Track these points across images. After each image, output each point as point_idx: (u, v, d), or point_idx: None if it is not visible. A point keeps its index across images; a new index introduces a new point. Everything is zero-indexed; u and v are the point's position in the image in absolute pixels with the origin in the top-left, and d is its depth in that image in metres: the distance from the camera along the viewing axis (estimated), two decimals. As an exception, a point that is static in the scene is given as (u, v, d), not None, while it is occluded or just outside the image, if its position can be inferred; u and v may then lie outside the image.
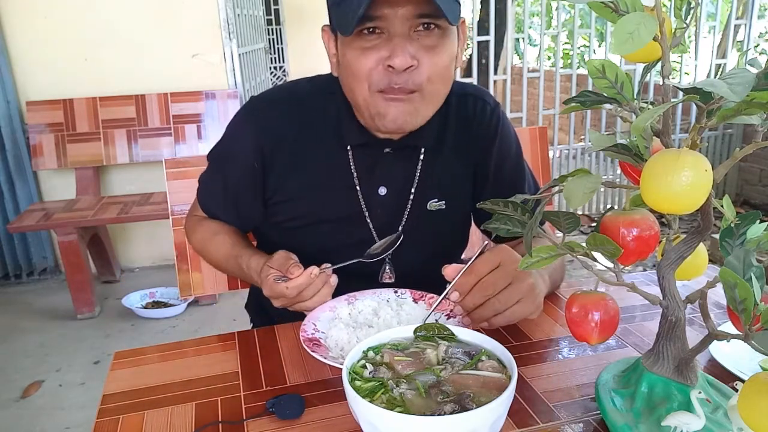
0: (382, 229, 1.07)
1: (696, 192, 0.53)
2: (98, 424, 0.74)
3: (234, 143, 1.09)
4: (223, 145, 1.12)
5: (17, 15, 3.01)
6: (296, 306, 0.91)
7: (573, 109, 0.64)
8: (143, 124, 3.15)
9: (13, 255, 3.25)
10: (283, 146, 1.04)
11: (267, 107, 1.06)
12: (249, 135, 1.05)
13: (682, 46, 0.58)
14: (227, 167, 1.10)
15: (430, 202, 1.07)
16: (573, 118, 4.09)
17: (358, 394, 0.60)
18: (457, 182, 1.09)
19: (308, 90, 1.07)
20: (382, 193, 1.06)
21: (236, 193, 1.10)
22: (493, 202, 0.71)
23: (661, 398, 0.67)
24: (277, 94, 1.09)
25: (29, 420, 2.13)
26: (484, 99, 1.10)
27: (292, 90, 1.09)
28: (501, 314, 0.84)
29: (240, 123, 1.09)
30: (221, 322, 2.79)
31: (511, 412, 0.68)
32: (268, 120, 1.05)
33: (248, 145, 1.05)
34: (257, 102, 1.08)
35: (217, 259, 1.12)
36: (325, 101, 1.04)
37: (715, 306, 1.00)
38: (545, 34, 3.78)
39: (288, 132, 1.04)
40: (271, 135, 1.04)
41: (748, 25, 3.94)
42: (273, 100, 1.08)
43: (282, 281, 0.88)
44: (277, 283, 0.88)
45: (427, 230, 1.09)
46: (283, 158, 1.04)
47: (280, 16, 6.83)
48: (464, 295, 0.84)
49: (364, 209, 1.06)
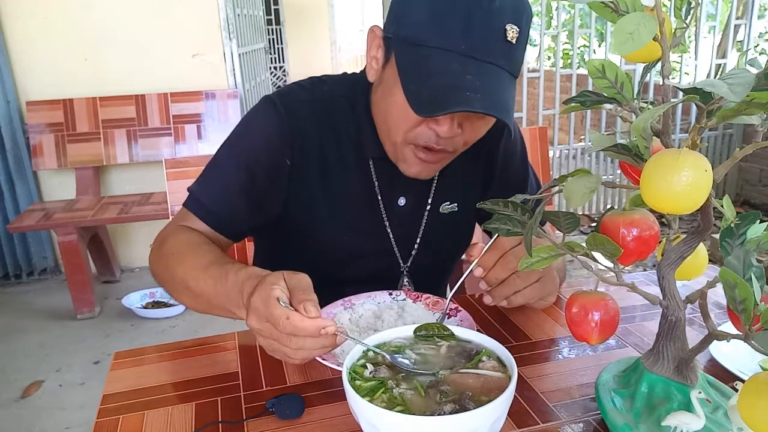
0: (399, 239, 1.07)
1: (696, 192, 0.53)
2: (98, 424, 0.74)
3: (261, 137, 0.99)
4: (245, 139, 1.01)
5: (17, 15, 3.01)
6: (275, 347, 0.72)
7: (573, 109, 0.64)
8: (143, 124, 3.15)
9: (13, 255, 3.25)
10: (310, 148, 0.99)
11: (293, 106, 0.99)
12: (279, 130, 0.98)
13: (682, 46, 0.58)
14: (254, 161, 0.98)
15: (443, 206, 1.08)
16: (573, 118, 4.09)
17: (358, 394, 0.60)
18: (468, 184, 1.09)
19: (332, 93, 1.02)
20: (401, 203, 1.05)
21: (263, 189, 0.99)
22: (493, 202, 0.71)
23: (661, 398, 0.67)
24: (300, 93, 1.02)
25: (29, 420, 2.13)
26: None
27: (315, 90, 1.02)
28: (520, 292, 0.88)
29: (266, 118, 0.99)
30: (221, 322, 2.76)
31: (511, 412, 0.68)
32: (297, 119, 0.98)
33: (279, 139, 0.98)
34: (282, 99, 1.00)
35: (193, 266, 0.88)
36: (348, 107, 1.00)
37: (715, 306, 0.99)
38: (545, 34, 3.78)
39: (314, 134, 0.99)
40: (300, 134, 0.98)
41: (748, 25, 3.94)
42: (300, 99, 1.00)
43: (286, 307, 0.70)
44: (278, 304, 0.69)
45: (440, 233, 1.09)
46: (309, 161, 1.00)
47: (280, 16, 6.84)
48: (488, 270, 0.87)
49: (385, 219, 1.05)
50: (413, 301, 0.98)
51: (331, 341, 0.71)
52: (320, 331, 0.69)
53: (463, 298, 1.04)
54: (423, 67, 0.83)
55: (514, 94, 0.87)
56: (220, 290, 0.82)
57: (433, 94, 0.81)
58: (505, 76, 0.84)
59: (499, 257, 0.87)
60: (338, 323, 0.91)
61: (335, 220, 1.03)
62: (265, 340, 0.72)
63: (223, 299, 0.81)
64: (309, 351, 0.71)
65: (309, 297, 0.71)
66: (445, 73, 0.81)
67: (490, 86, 0.81)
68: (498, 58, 0.82)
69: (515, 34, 0.82)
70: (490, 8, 0.80)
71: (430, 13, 0.83)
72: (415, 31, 0.84)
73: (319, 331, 0.69)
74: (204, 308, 0.89)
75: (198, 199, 0.99)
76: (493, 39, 0.81)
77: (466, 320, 0.90)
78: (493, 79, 0.82)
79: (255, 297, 0.72)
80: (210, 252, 0.90)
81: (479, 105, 0.79)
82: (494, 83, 0.82)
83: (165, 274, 0.94)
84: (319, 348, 0.71)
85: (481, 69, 0.81)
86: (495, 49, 0.82)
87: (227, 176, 0.99)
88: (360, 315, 0.94)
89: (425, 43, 0.83)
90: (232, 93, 3.24)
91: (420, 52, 0.83)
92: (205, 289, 0.84)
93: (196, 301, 0.89)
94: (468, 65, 0.81)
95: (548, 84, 4.04)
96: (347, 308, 0.95)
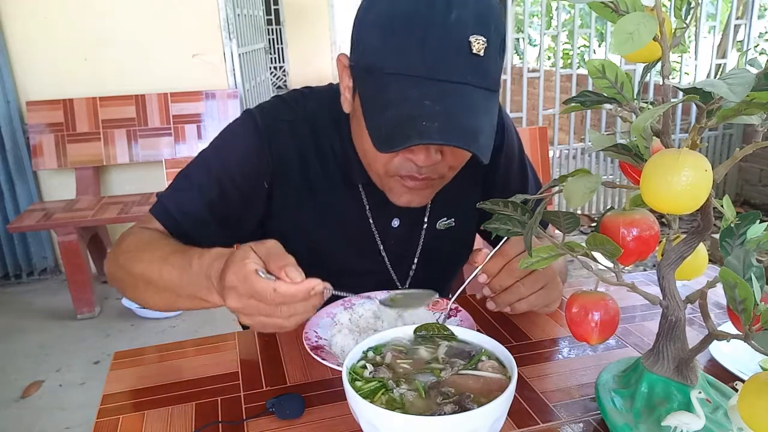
0: (395, 259, 1.06)
1: (696, 192, 0.53)
2: (98, 424, 0.74)
3: (238, 155, 0.95)
4: (221, 154, 0.96)
5: (17, 15, 3.01)
6: (265, 322, 0.70)
7: (573, 109, 0.64)
8: (143, 124, 3.15)
9: (13, 255, 3.25)
10: (291, 170, 0.95)
11: (275, 126, 0.95)
12: (258, 152, 0.94)
13: (682, 46, 0.58)
14: (227, 177, 0.93)
15: (439, 222, 1.05)
16: (573, 118, 4.09)
17: (358, 395, 0.60)
18: (465, 198, 1.04)
19: (316, 110, 0.96)
20: (395, 225, 1.02)
21: (233, 207, 0.94)
22: (493, 202, 0.71)
23: (661, 398, 0.67)
24: (284, 111, 0.97)
25: (29, 420, 2.13)
26: None
27: (298, 109, 0.97)
28: (525, 299, 0.86)
29: (245, 136, 0.95)
30: (221, 322, 2.79)
31: (511, 412, 0.68)
32: (277, 141, 0.94)
33: (257, 161, 0.93)
34: (264, 118, 0.95)
35: (151, 260, 0.83)
36: (333, 128, 0.95)
37: (715, 306, 0.99)
38: (545, 34, 3.78)
39: (296, 155, 0.95)
40: (281, 157, 0.94)
41: (748, 25, 3.94)
42: (282, 119, 0.96)
43: (267, 279, 0.67)
44: (259, 277, 0.66)
45: (437, 249, 1.07)
46: (291, 183, 0.96)
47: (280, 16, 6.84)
48: (492, 276, 0.86)
49: (378, 242, 1.03)
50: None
51: (321, 299, 0.70)
52: (310, 292, 0.68)
53: (463, 298, 1.04)
54: (382, 97, 0.77)
55: (492, 110, 0.80)
56: (185, 279, 0.77)
57: (391, 128, 0.75)
58: (477, 93, 0.77)
59: (504, 264, 0.85)
60: (338, 323, 0.92)
61: (326, 241, 1.00)
62: (251, 317, 0.70)
63: (191, 287, 0.77)
64: (302, 315, 0.70)
65: (287, 261, 0.69)
66: (403, 102, 0.75)
67: (453, 110, 0.75)
68: (464, 75, 0.75)
69: (482, 45, 0.74)
70: (446, 23, 0.73)
71: (385, 36, 0.76)
72: (373, 58, 0.78)
73: (309, 294, 0.68)
74: (169, 302, 0.84)
75: (164, 205, 0.94)
76: (455, 55, 0.74)
77: (466, 320, 0.90)
78: (458, 100, 0.75)
79: (230, 277, 0.68)
80: (168, 244, 0.86)
81: (437, 135, 0.73)
82: (460, 105, 0.75)
83: (120, 272, 0.89)
84: (311, 309, 0.70)
85: (444, 91, 0.75)
86: (459, 65, 0.75)
87: (196, 188, 0.94)
88: (360, 315, 0.94)
89: (383, 70, 0.77)
90: (232, 93, 3.24)
91: (379, 81, 0.77)
92: (170, 280, 0.80)
93: (161, 296, 0.83)
94: (428, 89, 0.75)
95: (548, 84, 4.04)
96: (347, 308, 0.95)
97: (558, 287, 0.90)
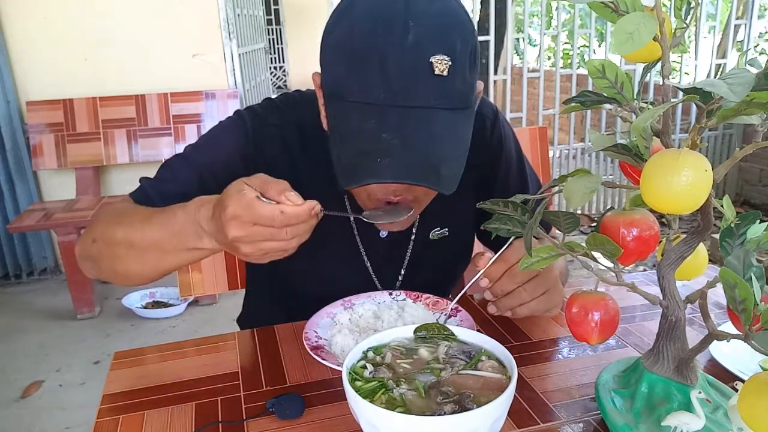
0: (381, 270, 1.05)
1: (696, 192, 0.53)
2: (98, 424, 0.74)
3: (223, 157, 0.94)
4: (207, 152, 0.96)
5: (17, 15, 3.01)
6: (268, 247, 0.71)
7: (573, 109, 0.64)
8: (143, 124, 3.15)
9: (13, 255, 3.25)
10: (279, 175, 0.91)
11: (263, 131, 0.94)
12: (243, 156, 0.93)
13: (682, 46, 0.58)
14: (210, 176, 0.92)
15: (432, 232, 1.04)
16: (573, 118, 4.09)
17: (358, 395, 0.60)
18: (459, 207, 1.02)
19: (307, 115, 0.93)
20: (383, 235, 1.01)
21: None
22: (493, 202, 0.71)
23: (661, 398, 0.67)
24: (273, 116, 0.96)
25: (29, 420, 2.13)
26: (483, 114, 1.02)
27: (288, 113, 0.96)
28: (526, 304, 0.86)
29: (234, 137, 0.95)
30: (221, 322, 2.79)
31: (511, 412, 0.68)
32: (264, 146, 0.94)
33: (242, 165, 0.92)
34: (253, 121, 0.95)
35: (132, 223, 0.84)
36: (321, 134, 0.90)
37: (715, 306, 0.99)
38: (545, 34, 3.78)
39: (283, 162, 0.94)
40: (267, 162, 0.91)
41: (748, 25, 3.94)
42: (270, 123, 0.95)
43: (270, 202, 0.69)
44: (263, 202, 0.68)
45: (430, 259, 1.06)
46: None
47: (280, 16, 6.84)
48: (494, 281, 0.85)
49: (363, 254, 1.03)
50: (413, 301, 0.98)
51: (316, 219, 0.72)
52: (311, 212, 0.70)
53: (463, 298, 1.04)
54: (342, 126, 0.76)
55: (462, 130, 0.77)
56: (171, 231, 0.78)
57: (348, 162, 0.74)
58: (442, 115, 0.74)
59: (506, 269, 0.85)
60: (338, 323, 0.92)
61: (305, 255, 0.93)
62: (254, 244, 0.70)
63: (178, 239, 0.78)
64: (302, 236, 0.72)
65: (284, 186, 0.70)
66: (360, 134, 0.74)
67: (412, 140, 0.72)
68: (428, 99, 0.73)
69: (446, 65, 0.71)
70: (403, 46, 0.70)
71: (347, 62, 0.74)
72: (338, 84, 0.77)
73: (310, 214, 0.70)
74: (154, 263, 0.83)
75: (146, 191, 0.95)
76: (416, 79, 0.72)
77: (466, 320, 0.90)
78: (421, 127, 0.73)
79: (231, 207, 0.68)
80: (147, 209, 0.86)
81: (390, 174, 0.71)
82: (422, 133, 0.73)
83: (96, 246, 0.87)
84: (309, 230, 0.72)
85: (404, 118, 0.73)
86: (421, 89, 0.72)
87: (179, 182, 0.94)
88: (360, 315, 0.94)
89: (347, 98, 0.75)
90: (232, 93, 3.24)
91: (340, 109, 0.77)
92: (154, 237, 0.80)
93: (144, 258, 0.83)
94: (388, 118, 0.73)
95: (548, 84, 4.04)
96: (347, 308, 0.95)
97: (560, 293, 0.90)
